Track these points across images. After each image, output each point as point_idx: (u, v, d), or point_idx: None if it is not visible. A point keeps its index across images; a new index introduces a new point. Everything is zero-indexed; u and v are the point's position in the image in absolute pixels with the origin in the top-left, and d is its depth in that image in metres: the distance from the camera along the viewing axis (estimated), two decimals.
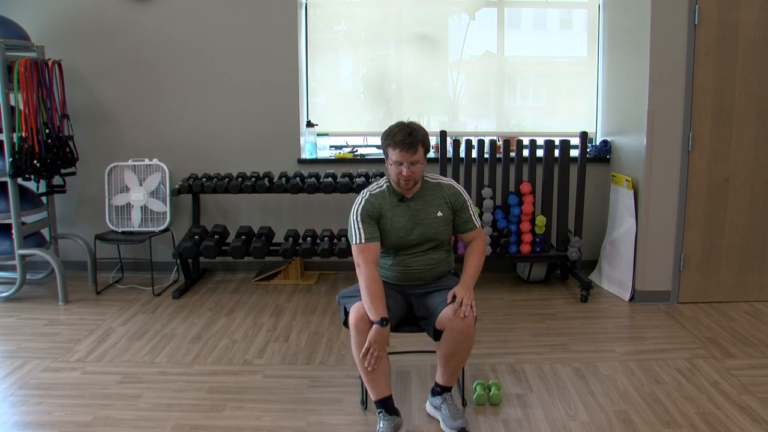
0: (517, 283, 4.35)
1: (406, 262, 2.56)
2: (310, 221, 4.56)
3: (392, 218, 2.51)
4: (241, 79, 4.45)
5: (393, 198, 2.54)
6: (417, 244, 2.54)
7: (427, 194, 2.56)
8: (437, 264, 2.59)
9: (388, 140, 2.44)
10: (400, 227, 2.51)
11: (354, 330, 2.34)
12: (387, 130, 2.48)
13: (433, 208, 2.55)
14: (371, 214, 2.49)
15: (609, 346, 3.27)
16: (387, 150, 2.46)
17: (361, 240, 2.45)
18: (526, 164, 4.18)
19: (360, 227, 2.47)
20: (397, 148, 2.40)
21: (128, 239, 4.16)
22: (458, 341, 2.37)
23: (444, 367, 2.47)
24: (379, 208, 2.51)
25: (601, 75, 4.52)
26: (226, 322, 3.65)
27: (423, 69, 4.63)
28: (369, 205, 2.50)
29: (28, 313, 3.82)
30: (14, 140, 3.84)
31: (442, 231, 2.56)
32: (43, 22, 4.37)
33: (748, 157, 3.73)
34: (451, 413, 2.44)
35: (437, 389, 2.53)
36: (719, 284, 3.86)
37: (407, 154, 2.39)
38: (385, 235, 2.51)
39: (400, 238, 2.52)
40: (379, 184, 2.59)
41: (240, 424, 2.53)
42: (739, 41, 3.62)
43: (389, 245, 2.54)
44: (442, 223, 2.55)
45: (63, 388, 2.83)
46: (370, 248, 2.44)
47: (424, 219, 2.53)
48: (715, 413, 2.56)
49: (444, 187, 2.59)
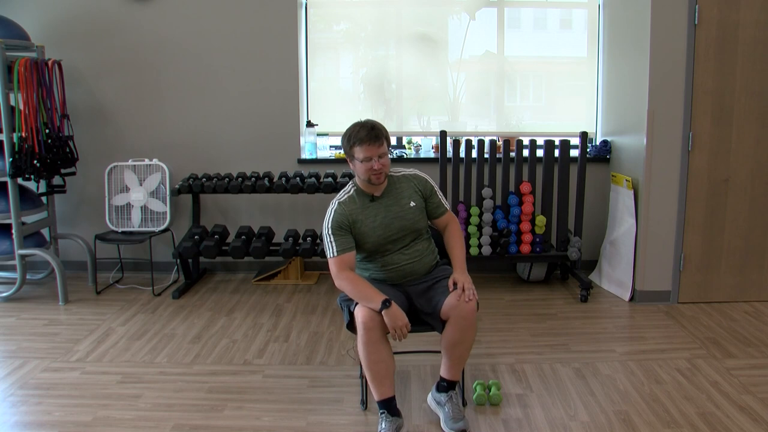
0: (517, 283, 4.35)
1: (394, 260, 2.57)
2: (310, 221, 4.56)
3: (366, 220, 2.51)
4: (241, 78, 4.45)
5: (363, 199, 2.54)
6: (398, 238, 2.55)
7: (395, 188, 2.58)
8: (423, 254, 2.61)
9: (353, 140, 2.44)
10: (377, 226, 2.52)
11: (362, 328, 2.33)
12: (347, 132, 2.48)
13: (405, 199, 2.57)
14: (341, 224, 2.48)
15: (609, 346, 3.27)
16: (353, 150, 2.45)
17: (334, 253, 2.46)
18: (526, 164, 4.17)
19: (332, 240, 2.47)
20: (363, 144, 2.41)
21: (128, 239, 4.16)
22: (463, 327, 2.39)
23: (450, 357, 2.48)
24: (350, 215, 2.50)
25: (601, 75, 4.52)
26: (226, 322, 3.65)
27: (423, 69, 4.63)
28: (338, 216, 2.49)
29: (28, 313, 3.82)
30: (14, 140, 3.84)
31: (418, 220, 2.58)
32: (43, 22, 4.37)
33: (748, 158, 3.73)
34: (453, 414, 2.44)
35: (443, 384, 2.53)
36: (719, 284, 3.86)
37: (374, 147, 2.41)
38: (364, 238, 2.51)
39: (379, 236, 2.52)
40: (346, 191, 2.58)
41: (240, 424, 2.53)
42: (739, 41, 3.62)
43: (371, 246, 2.53)
44: (417, 212, 2.58)
45: (63, 388, 2.83)
46: (344, 259, 2.46)
47: (399, 212, 2.55)
48: (715, 413, 2.56)
49: (410, 177, 2.63)
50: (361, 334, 2.34)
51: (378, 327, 2.32)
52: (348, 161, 2.52)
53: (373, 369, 2.37)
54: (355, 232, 2.51)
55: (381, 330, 2.34)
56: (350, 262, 2.47)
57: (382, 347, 2.35)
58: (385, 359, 2.37)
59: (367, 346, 2.34)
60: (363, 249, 2.54)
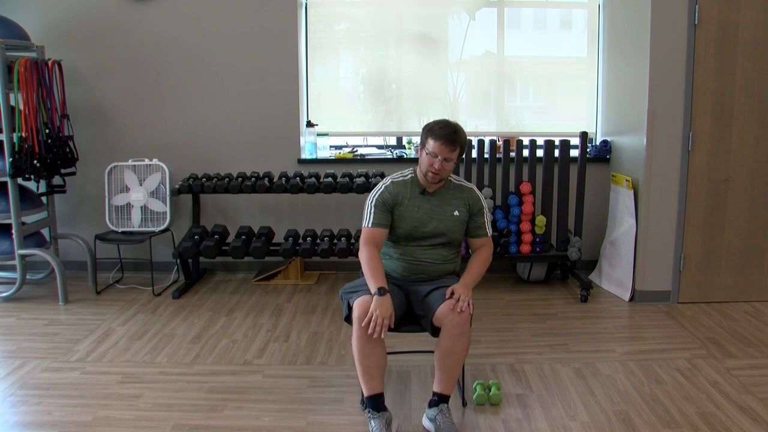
0: (517, 283, 4.35)
1: (414, 254, 2.60)
2: (310, 221, 4.56)
3: (409, 206, 2.58)
4: (241, 78, 4.45)
5: (415, 189, 2.62)
6: (428, 236, 2.59)
7: (448, 193, 2.65)
8: (444, 261, 2.63)
9: (432, 131, 2.52)
10: (415, 217, 2.58)
11: (357, 323, 2.35)
12: (432, 123, 2.56)
13: (451, 207, 2.62)
14: (386, 202, 2.58)
15: (609, 346, 3.27)
16: (427, 139, 2.54)
17: (369, 224, 2.55)
18: (526, 164, 4.18)
19: (372, 212, 2.57)
20: (438, 141, 2.49)
21: (128, 239, 4.16)
22: (454, 336, 2.38)
23: (441, 369, 2.45)
24: (397, 196, 2.59)
25: (601, 75, 4.53)
26: (226, 322, 3.65)
27: (423, 69, 4.63)
28: (387, 193, 2.59)
29: (28, 313, 3.82)
30: (14, 140, 3.84)
31: (455, 230, 2.62)
32: (43, 22, 4.37)
33: (748, 158, 3.73)
34: (444, 426, 2.38)
35: (434, 399, 2.47)
36: (719, 284, 3.86)
37: (446, 149, 2.48)
38: (399, 221, 2.58)
39: (413, 227, 2.58)
40: (403, 173, 2.68)
41: (240, 424, 2.53)
42: (739, 41, 3.62)
43: (401, 233, 2.59)
44: (457, 223, 2.62)
45: (63, 388, 2.83)
46: (375, 233, 2.54)
47: (440, 215, 2.60)
48: (715, 413, 2.56)
49: (465, 189, 2.68)
50: (356, 328, 2.36)
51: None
52: (419, 148, 2.61)
53: (365, 363, 2.38)
54: (394, 214, 2.59)
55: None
56: (379, 237, 2.55)
57: (375, 342, 2.36)
58: (377, 354, 2.38)
59: (361, 339, 2.35)
60: (393, 232, 2.60)
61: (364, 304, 2.36)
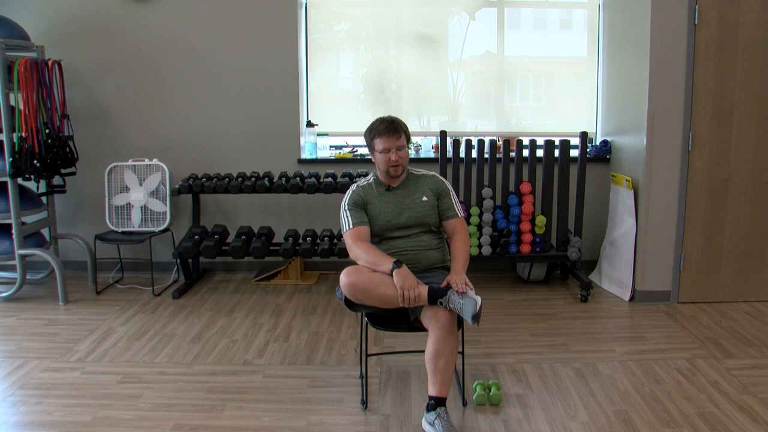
0: (517, 283, 4.35)
1: (398, 245, 2.67)
2: (310, 221, 4.56)
3: (380, 204, 2.70)
4: (241, 78, 4.45)
5: (380, 188, 2.74)
6: (405, 226, 2.68)
7: (411, 184, 2.76)
8: (429, 247, 2.69)
9: (373, 132, 2.66)
10: (387, 211, 2.68)
11: (346, 271, 2.46)
12: (370, 126, 2.71)
13: (418, 194, 2.73)
14: (357, 202, 2.69)
15: (609, 346, 3.27)
16: (373, 142, 2.68)
17: (350, 226, 2.64)
18: (526, 164, 4.18)
19: (348, 215, 2.67)
20: (383, 136, 2.62)
21: (128, 239, 4.16)
22: (441, 338, 2.39)
23: (433, 371, 2.43)
24: (365, 196, 2.71)
25: (601, 75, 4.52)
26: (226, 322, 3.65)
27: (423, 69, 4.63)
28: (356, 195, 2.71)
29: (28, 313, 3.82)
30: (14, 140, 3.84)
31: (428, 214, 2.71)
32: (43, 22, 4.37)
33: (748, 157, 3.73)
34: (444, 430, 2.37)
35: (431, 402, 2.45)
36: (719, 284, 3.86)
37: (392, 139, 2.62)
38: (373, 220, 2.68)
39: (387, 221, 2.68)
40: (366, 179, 2.81)
41: (240, 424, 2.53)
42: (739, 41, 3.62)
43: (379, 229, 2.68)
44: (428, 207, 2.72)
45: (63, 388, 2.83)
46: (360, 231, 2.63)
47: (410, 204, 2.71)
48: (715, 413, 2.57)
49: (427, 176, 2.81)
50: (349, 272, 2.46)
51: (362, 268, 2.48)
52: (370, 153, 2.73)
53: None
54: (367, 213, 2.69)
55: (365, 268, 2.49)
56: (364, 234, 2.63)
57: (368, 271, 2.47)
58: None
59: (359, 275, 2.45)
60: (372, 231, 2.68)
61: (351, 269, 2.46)
